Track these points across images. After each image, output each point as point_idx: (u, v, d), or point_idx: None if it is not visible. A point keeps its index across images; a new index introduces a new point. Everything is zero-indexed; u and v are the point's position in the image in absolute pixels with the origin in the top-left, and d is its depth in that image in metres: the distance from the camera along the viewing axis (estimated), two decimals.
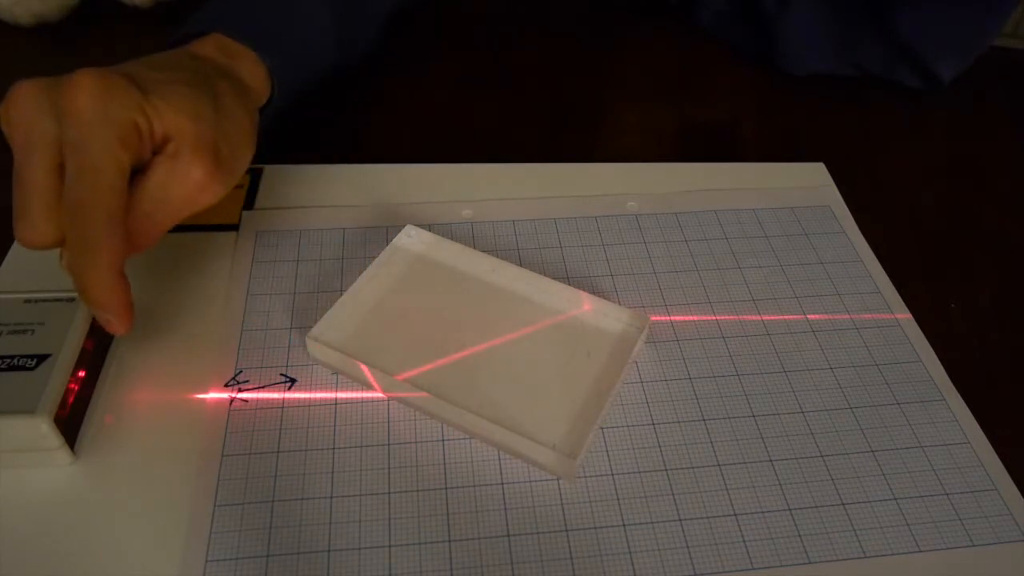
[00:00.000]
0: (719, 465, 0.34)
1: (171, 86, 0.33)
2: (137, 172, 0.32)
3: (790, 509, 0.33)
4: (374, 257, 0.40)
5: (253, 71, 0.40)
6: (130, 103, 0.31)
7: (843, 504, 0.33)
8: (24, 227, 0.31)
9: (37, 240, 0.31)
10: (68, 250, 0.31)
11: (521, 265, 0.40)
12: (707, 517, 0.32)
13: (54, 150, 0.31)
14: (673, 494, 0.33)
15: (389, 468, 0.33)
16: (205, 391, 0.36)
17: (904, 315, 0.41)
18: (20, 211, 0.31)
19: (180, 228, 0.43)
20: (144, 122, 0.32)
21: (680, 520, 0.32)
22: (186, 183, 0.33)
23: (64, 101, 0.31)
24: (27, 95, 0.31)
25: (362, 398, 0.36)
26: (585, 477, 0.33)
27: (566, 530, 0.32)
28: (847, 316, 0.41)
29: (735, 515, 0.32)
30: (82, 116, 0.30)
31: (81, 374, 0.34)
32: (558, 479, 0.33)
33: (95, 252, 0.31)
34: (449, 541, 0.31)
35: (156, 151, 0.33)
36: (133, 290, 0.39)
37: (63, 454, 0.32)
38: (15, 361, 0.32)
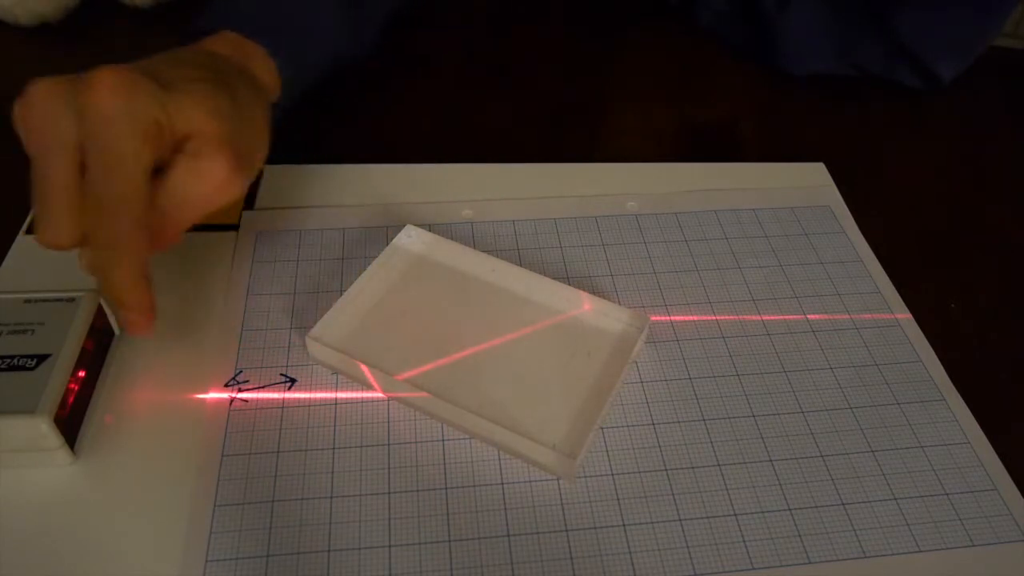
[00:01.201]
0: (719, 465, 0.34)
1: (190, 83, 0.33)
2: (156, 170, 0.32)
3: (790, 509, 0.33)
4: (374, 257, 0.40)
5: (265, 68, 0.40)
6: (151, 100, 0.31)
7: (843, 504, 0.33)
8: (47, 228, 0.31)
9: (60, 240, 0.31)
10: (91, 249, 0.31)
11: (521, 265, 0.40)
12: (707, 517, 0.32)
13: (74, 149, 0.31)
14: (673, 494, 0.33)
15: (389, 468, 0.33)
16: (205, 391, 0.36)
17: (904, 315, 0.41)
18: (42, 212, 0.31)
19: None
20: (165, 119, 0.31)
21: (680, 520, 0.32)
22: (207, 181, 0.32)
23: (85, 99, 0.30)
24: (44, 94, 0.31)
25: (362, 398, 0.36)
26: (585, 477, 0.33)
27: (566, 530, 0.32)
28: (847, 316, 0.41)
29: (735, 515, 0.32)
30: (105, 114, 0.30)
31: (81, 374, 0.34)
32: (558, 479, 0.33)
33: (121, 250, 0.31)
34: (449, 541, 0.31)
35: (176, 149, 0.32)
36: None
37: (63, 454, 0.32)
38: (15, 361, 0.32)
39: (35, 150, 0.31)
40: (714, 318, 0.40)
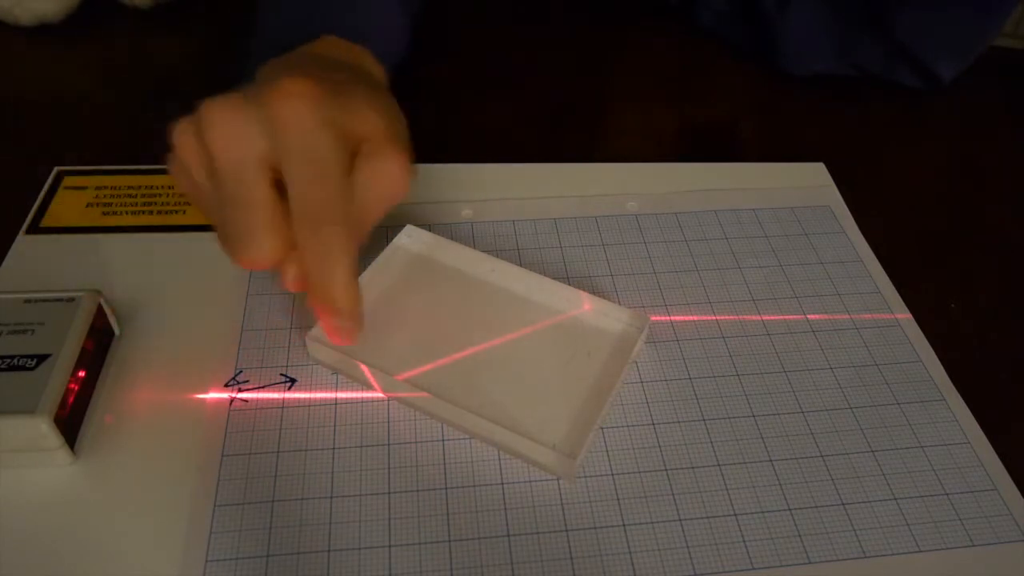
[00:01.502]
0: (719, 465, 0.34)
1: (353, 86, 0.33)
2: None
3: (790, 509, 0.33)
4: (374, 257, 0.40)
5: (377, 67, 0.40)
6: (337, 105, 0.31)
7: (843, 504, 0.33)
8: (254, 248, 0.31)
9: (267, 259, 0.31)
10: (306, 261, 0.31)
11: (521, 265, 0.40)
12: (707, 517, 0.32)
13: (270, 165, 0.30)
14: (673, 494, 0.33)
15: (389, 468, 0.33)
16: (205, 391, 0.36)
17: (904, 315, 0.41)
18: (245, 233, 0.31)
19: (180, 228, 0.43)
20: (349, 123, 0.31)
21: (680, 520, 0.32)
22: (388, 180, 0.32)
23: (276, 112, 0.30)
24: (228, 111, 0.30)
25: (362, 398, 0.36)
26: (585, 477, 0.33)
27: (566, 530, 0.32)
28: (847, 316, 0.41)
29: (735, 515, 0.32)
30: (304, 124, 0.30)
31: (81, 374, 0.34)
32: (558, 479, 0.33)
33: (341, 258, 0.31)
34: (449, 541, 0.31)
35: (352, 151, 0.32)
36: (133, 289, 0.40)
37: (63, 454, 0.32)
38: (15, 361, 0.32)
39: (225, 171, 0.30)
40: (714, 318, 0.40)
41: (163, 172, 0.46)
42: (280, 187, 0.31)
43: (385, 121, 0.33)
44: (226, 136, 0.30)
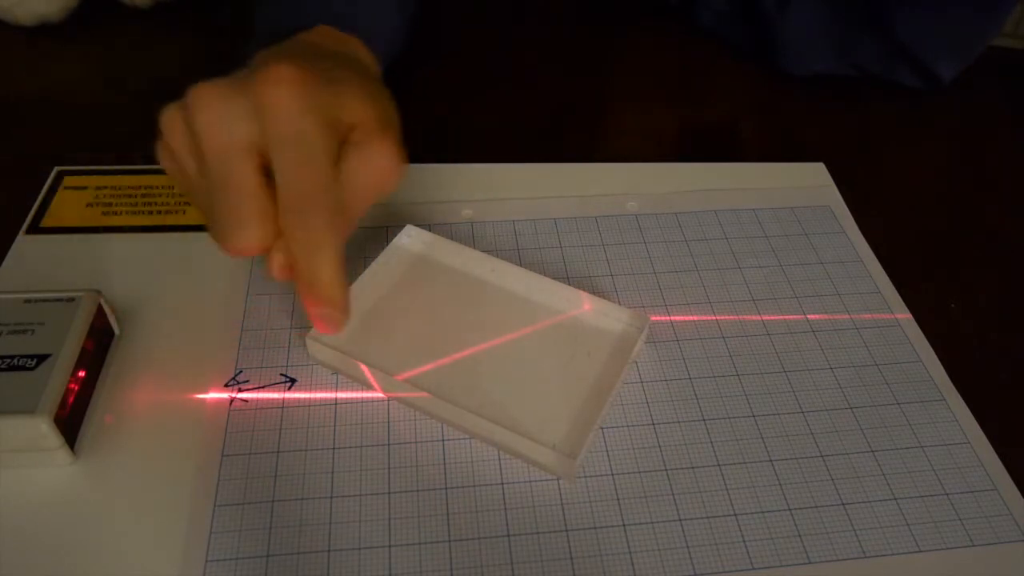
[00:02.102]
0: (719, 465, 0.34)
1: (343, 72, 0.33)
2: None
3: (790, 509, 0.33)
4: (374, 257, 0.40)
5: (370, 57, 0.40)
6: (325, 92, 0.31)
7: (843, 504, 0.33)
8: (240, 235, 0.30)
9: (254, 246, 0.31)
10: (292, 250, 0.31)
11: (521, 265, 0.40)
12: (707, 517, 0.32)
13: (257, 151, 0.30)
14: (673, 494, 0.33)
15: (389, 468, 0.33)
16: (205, 391, 0.36)
17: (904, 315, 0.41)
18: (232, 219, 0.30)
19: (180, 228, 0.43)
20: (338, 111, 0.31)
21: (680, 520, 0.32)
22: (378, 169, 0.32)
23: (264, 99, 0.29)
24: (215, 97, 0.30)
25: (362, 398, 0.36)
26: (585, 477, 0.33)
27: (566, 530, 0.32)
28: (847, 316, 0.41)
29: (735, 515, 0.32)
30: (292, 110, 0.29)
31: (81, 374, 0.34)
32: (558, 479, 0.33)
33: (327, 246, 0.30)
34: (449, 541, 0.31)
35: (342, 140, 0.32)
36: (133, 289, 0.40)
37: (63, 454, 0.32)
38: (15, 361, 0.32)
39: (213, 156, 0.30)
40: (714, 318, 0.40)
41: (163, 172, 0.47)
42: (269, 174, 0.31)
43: (375, 110, 0.32)
44: (213, 121, 0.30)
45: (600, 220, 0.45)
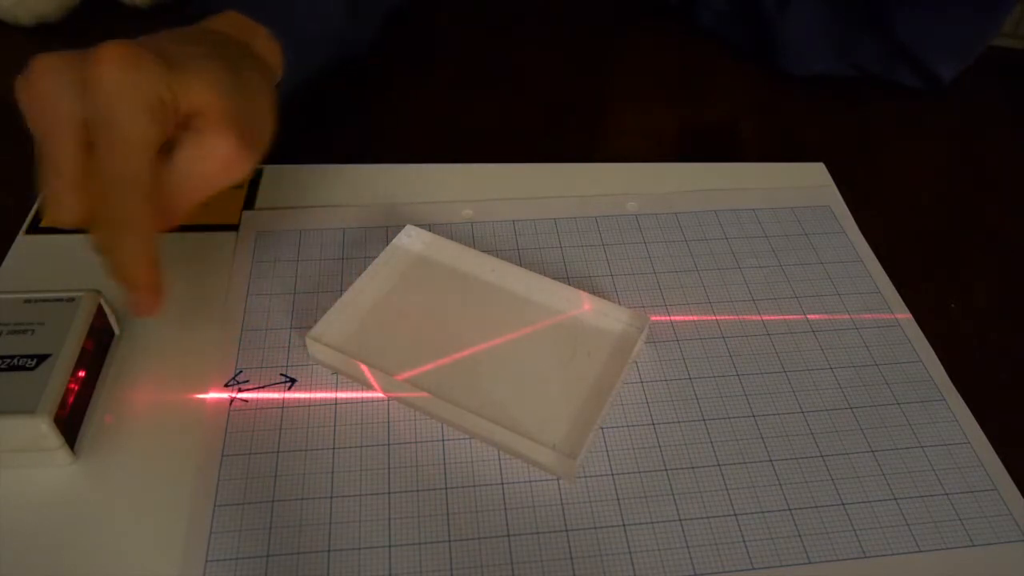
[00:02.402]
0: (719, 465, 0.34)
1: (196, 60, 0.32)
2: (163, 148, 0.32)
3: (790, 509, 0.33)
4: (374, 257, 0.40)
5: (269, 48, 0.39)
6: (157, 76, 0.30)
7: (843, 504, 0.33)
8: (53, 206, 0.31)
9: (65, 218, 0.31)
10: (100, 227, 0.31)
11: (521, 265, 0.40)
12: (707, 517, 0.32)
13: (80, 126, 0.30)
14: (673, 494, 0.33)
15: (389, 468, 0.33)
16: (205, 391, 0.36)
17: (904, 315, 0.41)
18: (48, 189, 0.31)
19: (180, 228, 0.43)
20: (170, 96, 0.31)
21: (680, 520, 0.32)
22: (214, 158, 0.32)
23: (90, 74, 0.29)
24: (48, 69, 0.30)
25: (362, 398, 0.36)
26: (585, 477, 0.33)
27: (566, 530, 0.32)
28: (847, 316, 0.41)
29: (735, 515, 0.32)
30: (110, 88, 0.29)
31: (81, 374, 0.34)
32: (558, 479, 0.33)
33: (129, 227, 0.30)
34: (449, 541, 0.31)
35: (181, 126, 0.32)
36: None
37: (63, 454, 0.32)
38: (15, 361, 0.32)
39: (39, 126, 0.30)
40: (714, 318, 0.40)
41: None
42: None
43: (220, 99, 0.32)
44: (42, 92, 0.30)
45: (600, 220, 0.45)
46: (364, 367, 0.35)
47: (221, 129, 0.32)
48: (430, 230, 0.42)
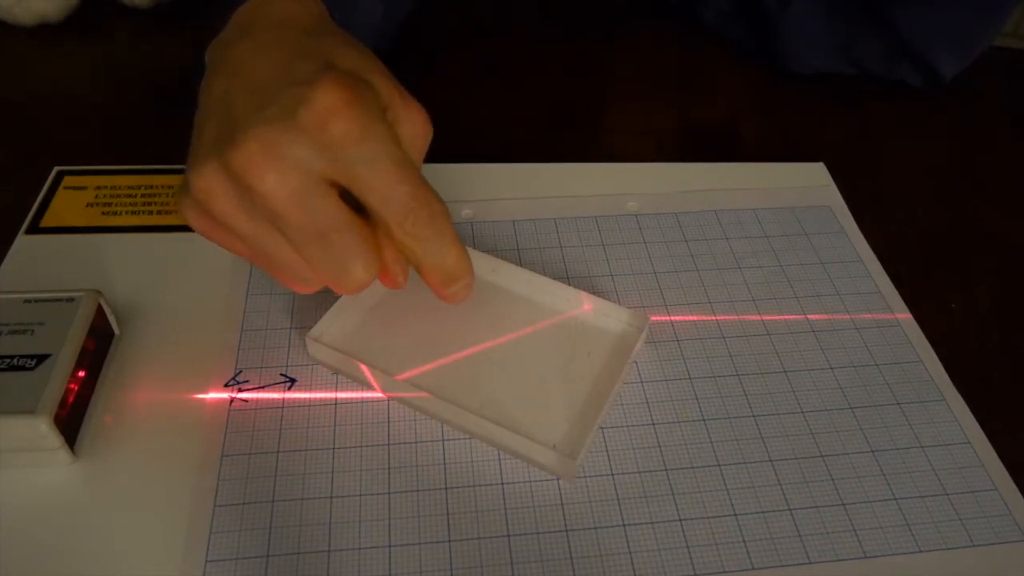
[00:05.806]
0: (719, 465, 0.34)
1: (355, 51, 0.31)
2: None
3: (790, 509, 0.33)
4: None
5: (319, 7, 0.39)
6: (368, 89, 0.29)
7: (843, 504, 0.33)
8: (359, 269, 0.30)
9: (373, 275, 0.30)
10: (417, 253, 0.31)
11: (521, 265, 0.40)
12: (707, 517, 0.32)
13: (331, 184, 0.29)
14: (673, 494, 0.33)
15: (389, 468, 0.33)
16: (205, 391, 0.36)
17: (904, 315, 0.41)
18: (345, 258, 0.29)
19: (181, 228, 0.43)
20: (377, 98, 0.30)
21: (680, 520, 0.32)
22: (422, 135, 0.32)
23: (329, 135, 0.28)
24: (269, 157, 0.28)
25: (362, 398, 0.36)
26: (585, 477, 0.33)
27: (566, 530, 0.32)
28: (847, 316, 0.41)
29: (735, 515, 0.32)
30: (358, 133, 0.28)
31: (81, 374, 0.34)
32: (558, 479, 0.33)
33: (444, 225, 0.31)
34: (449, 541, 0.31)
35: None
36: (133, 289, 0.40)
37: (63, 454, 0.32)
38: (15, 361, 0.32)
39: (293, 210, 0.28)
40: (714, 318, 0.40)
41: (163, 172, 0.47)
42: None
43: (389, 81, 0.31)
44: (281, 177, 0.28)
45: (600, 220, 0.45)
46: (364, 367, 0.35)
47: (411, 106, 0.31)
48: None
